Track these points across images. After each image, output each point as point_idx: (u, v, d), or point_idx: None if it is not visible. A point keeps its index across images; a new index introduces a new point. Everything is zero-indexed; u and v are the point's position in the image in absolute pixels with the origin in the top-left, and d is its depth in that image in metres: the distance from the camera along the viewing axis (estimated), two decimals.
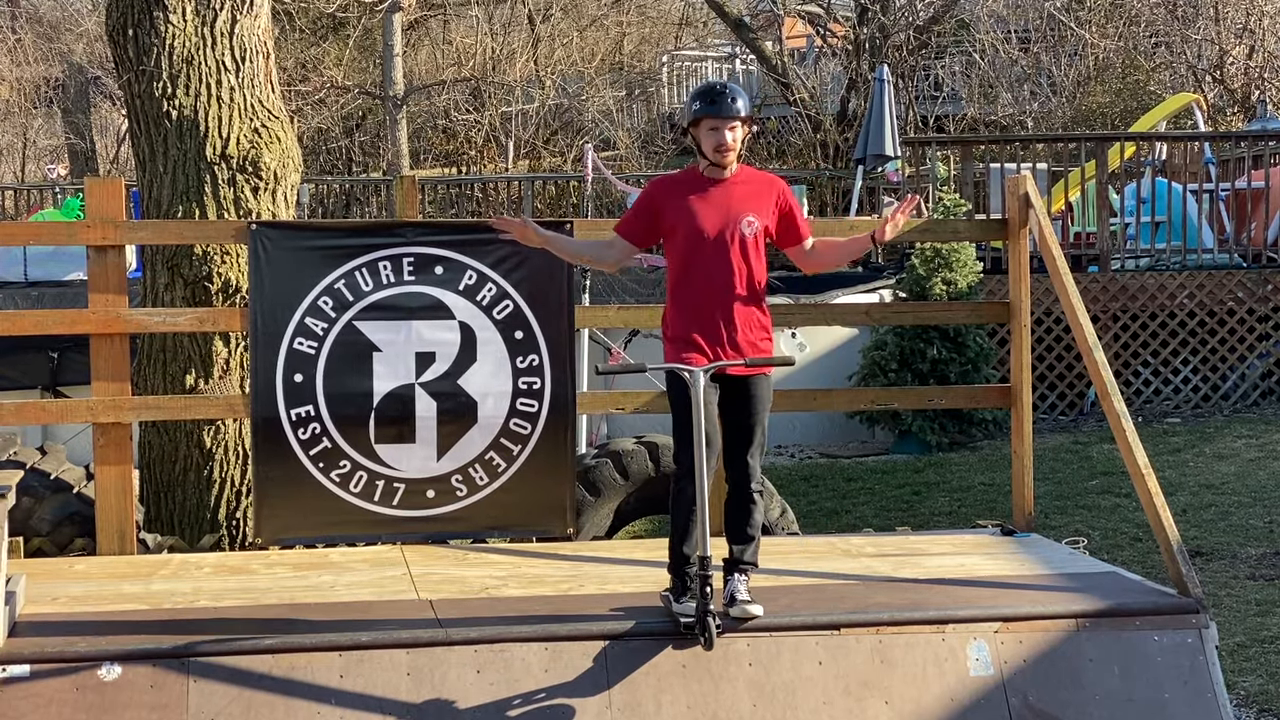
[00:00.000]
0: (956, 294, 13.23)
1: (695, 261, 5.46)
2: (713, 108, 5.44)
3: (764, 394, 5.53)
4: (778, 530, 7.48)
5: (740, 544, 5.52)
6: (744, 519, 5.52)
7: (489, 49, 27.35)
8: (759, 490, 5.54)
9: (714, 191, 5.50)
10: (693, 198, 5.50)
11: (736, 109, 5.44)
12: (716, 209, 5.47)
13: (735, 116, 5.44)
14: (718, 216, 5.46)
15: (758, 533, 5.54)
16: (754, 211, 5.50)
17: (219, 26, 7.55)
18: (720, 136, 5.43)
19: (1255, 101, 21.11)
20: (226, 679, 5.04)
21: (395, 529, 6.61)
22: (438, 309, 6.58)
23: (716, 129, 5.44)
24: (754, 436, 5.51)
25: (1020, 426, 6.97)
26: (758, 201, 5.53)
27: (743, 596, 5.41)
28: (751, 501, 5.51)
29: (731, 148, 5.44)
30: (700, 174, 5.55)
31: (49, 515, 7.07)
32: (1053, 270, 6.68)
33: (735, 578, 5.47)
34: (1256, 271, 14.75)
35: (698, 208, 5.48)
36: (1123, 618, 5.55)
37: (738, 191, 5.52)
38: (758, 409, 5.51)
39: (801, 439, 14.13)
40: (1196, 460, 11.97)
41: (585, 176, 15.07)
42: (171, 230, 7.08)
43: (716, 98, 5.45)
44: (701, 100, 5.48)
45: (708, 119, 5.45)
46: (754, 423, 5.50)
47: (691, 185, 5.54)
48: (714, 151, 5.45)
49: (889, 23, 23.37)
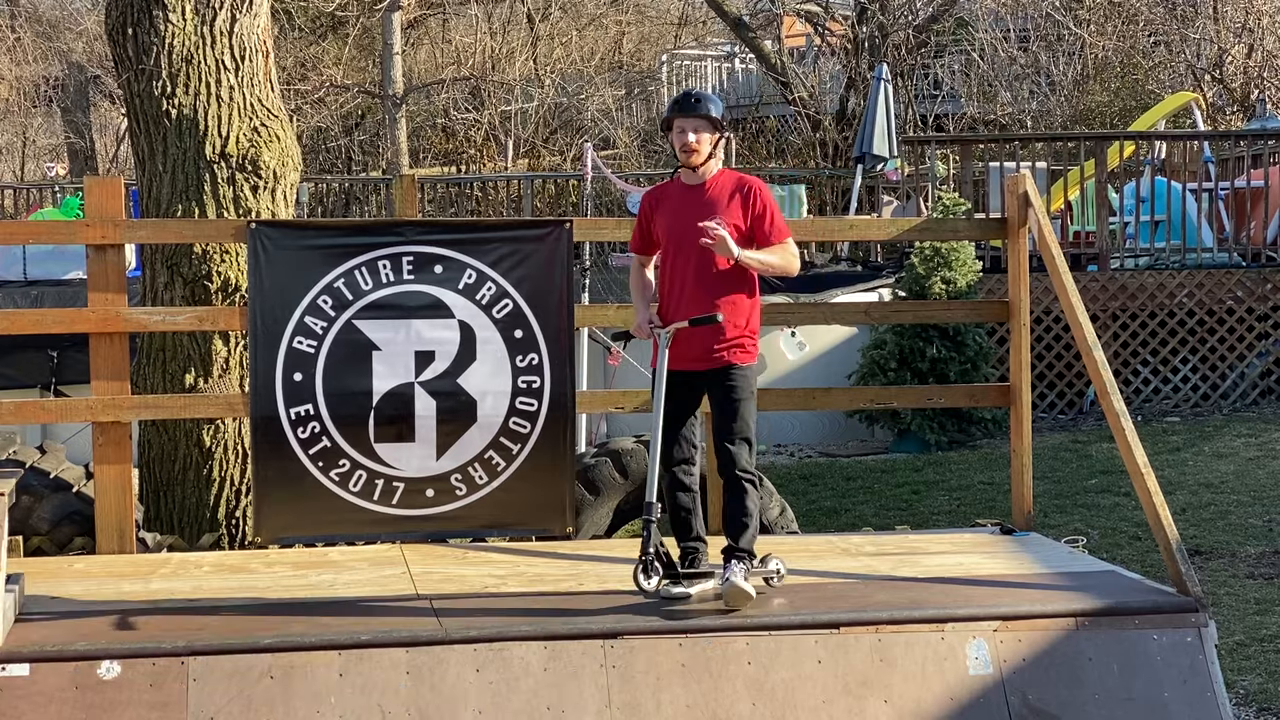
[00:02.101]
0: (956, 293, 13.23)
1: (672, 262, 5.89)
2: (678, 109, 5.87)
3: (736, 384, 5.81)
4: (777, 529, 7.49)
5: (730, 531, 5.75)
6: (730, 505, 5.78)
7: (488, 48, 27.35)
8: (746, 478, 5.75)
9: (688, 196, 5.89)
10: (671, 205, 5.93)
11: (700, 109, 5.83)
12: (688, 213, 5.83)
13: (698, 116, 5.81)
14: (687, 220, 5.81)
15: (750, 520, 5.74)
16: (720, 215, 5.78)
17: (218, 25, 7.55)
18: (684, 137, 5.82)
19: (1254, 100, 21.10)
20: (226, 678, 5.04)
21: (395, 528, 6.61)
22: (437, 308, 6.58)
23: (683, 130, 5.83)
24: (731, 424, 5.78)
25: (1020, 425, 6.97)
26: (727, 204, 5.83)
27: (734, 576, 5.56)
28: (736, 487, 5.76)
29: (695, 148, 5.81)
30: (680, 181, 5.95)
31: (48, 514, 7.08)
32: (1052, 269, 6.68)
33: (730, 564, 5.64)
34: (1256, 270, 14.76)
35: (673, 213, 5.89)
36: (1122, 616, 5.56)
37: (710, 195, 5.87)
38: (731, 398, 5.80)
39: (801, 438, 14.13)
40: (1196, 459, 11.97)
41: (585, 175, 15.06)
42: (171, 229, 7.08)
43: (682, 100, 5.90)
44: (671, 104, 5.94)
45: (677, 119, 5.85)
46: (728, 411, 5.80)
47: (672, 193, 5.97)
48: (680, 151, 5.84)
49: (888, 21, 23.35)
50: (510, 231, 6.79)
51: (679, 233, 5.84)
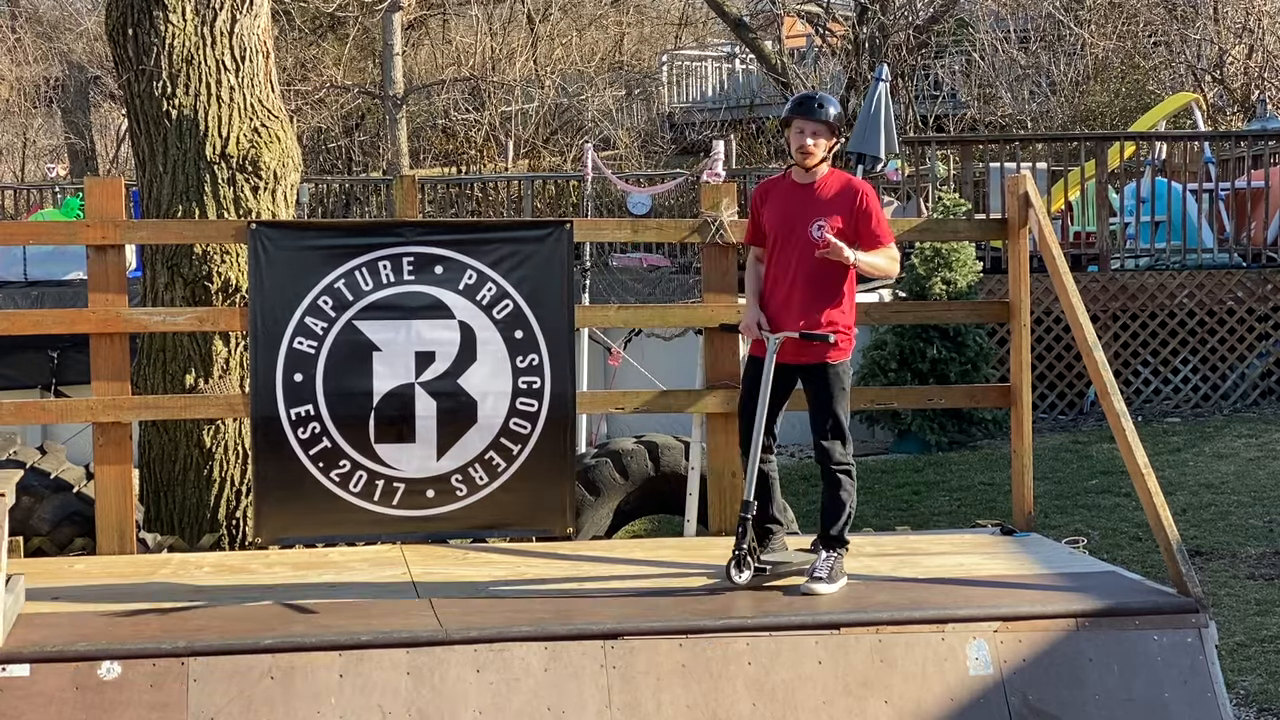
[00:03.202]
0: (956, 293, 13.23)
1: (776, 257, 6.08)
2: (800, 111, 6.04)
3: (832, 381, 6.03)
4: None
5: (826, 520, 6.04)
6: (827, 495, 6.06)
7: (488, 48, 27.37)
8: (842, 469, 6.02)
9: (798, 194, 6.08)
10: (780, 200, 6.12)
11: (820, 115, 6.00)
12: (795, 210, 6.03)
13: (817, 120, 5.99)
14: (793, 218, 6.02)
15: (844, 510, 6.02)
16: (826, 217, 5.97)
17: (219, 26, 7.55)
18: (802, 139, 6.01)
19: (1255, 101, 21.10)
20: (226, 678, 5.04)
21: (395, 529, 6.60)
22: (437, 308, 6.57)
23: (801, 131, 6.01)
24: (828, 420, 6.02)
25: (1020, 426, 6.97)
26: (833, 208, 6.00)
27: (816, 573, 5.87)
28: (833, 479, 6.02)
29: (811, 150, 6.00)
30: (791, 179, 6.13)
31: (49, 515, 7.08)
32: (1052, 270, 6.68)
33: (820, 554, 5.96)
34: (1256, 271, 14.75)
35: (781, 209, 6.08)
36: (1122, 617, 5.56)
37: (818, 195, 6.04)
38: (828, 393, 6.03)
39: (801, 439, 14.09)
40: (1196, 460, 11.97)
41: (585, 176, 15.07)
42: (171, 230, 7.08)
43: (805, 102, 6.06)
44: (793, 104, 6.12)
45: (796, 120, 6.04)
46: (826, 407, 6.03)
47: (782, 189, 6.15)
48: (797, 151, 6.03)
49: (888, 22, 23.37)
50: (511, 232, 6.79)
51: (786, 229, 6.03)
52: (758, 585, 5.86)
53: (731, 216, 6.96)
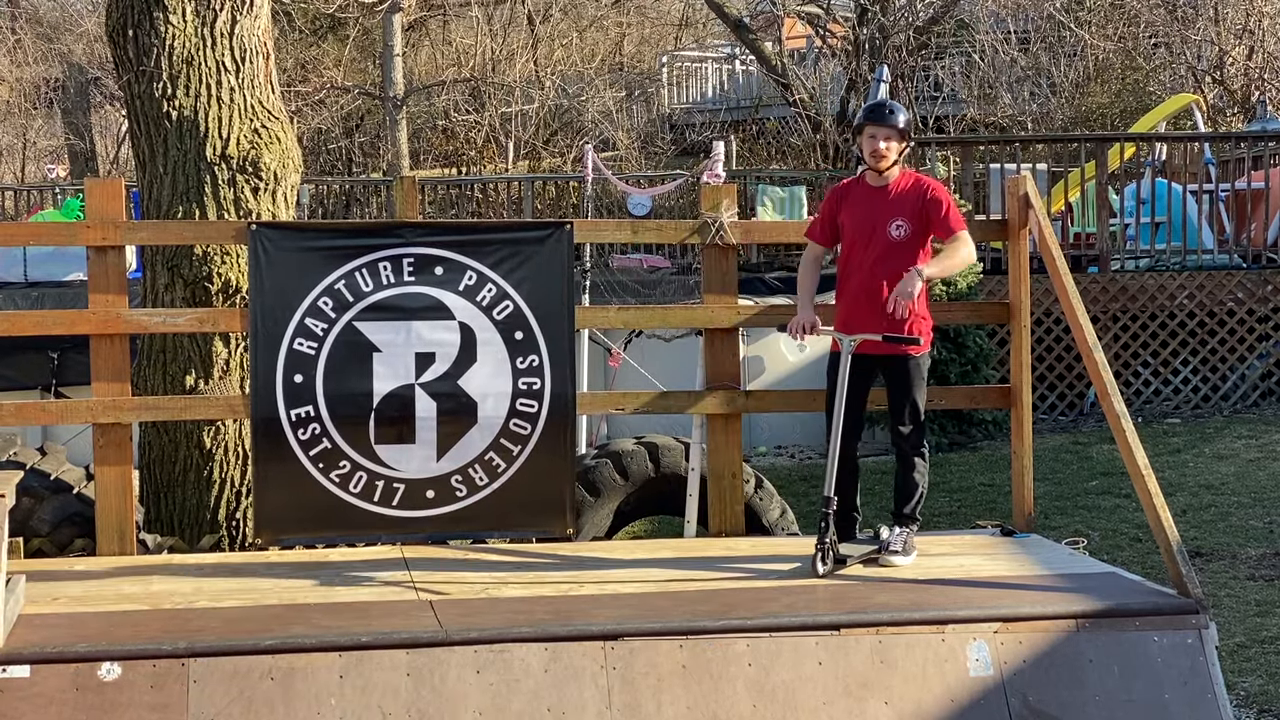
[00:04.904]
0: (956, 294, 13.23)
1: (850, 256, 6.37)
2: (873, 117, 6.33)
3: (912, 373, 6.38)
4: (777, 530, 7.50)
5: (900, 499, 6.41)
6: (902, 476, 6.44)
7: (489, 49, 27.36)
8: (917, 453, 6.41)
9: (873, 197, 6.35)
10: (856, 203, 6.39)
11: (892, 120, 6.28)
12: (871, 213, 6.31)
13: (889, 126, 6.26)
14: (869, 219, 6.30)
15: (915, 489, 6.38)
16: (902, 216, 6.27)
17: (219, 27, 7.55)
18: (875, 144, 6.28)
19: (1255, 102, 21.10)
20: (226, 679, 5.04)
21: (395, 529, 6.61)
22: (438, 309, 6.57)
23: (874, 137, 6.29)
24: (905, 410, 6.41)
25: (1020, 427, 6.97)
26: (906, 206, 6.29)
27: (892, 546, 6.23)
28: (909, 462, 6.41)
29: (884, 155, 6.28)
30: (865, 182, 6.40)
31: (49, 516, 7.08)
32: (1052, 271, 6.68)
33: (892, 530, 6.30)
34: (1256, 272, 14.76)
35: (858, 212, 6.36)
36: (1122, 618, 5.55)
37: (892, 197, 6.31)
38: (907, 383, 6.39)
39: (802, 439, 14.11)
40: (1196, 460, 11.98)
41: (585, 177, 15.06)
42: (171, 231, 7.08)
43: (877, 108, 6.38)
44: (866, 110, 6.44)
45: (869, 126, 6.32)
46: (906, 397, 6.41)
47: (858, 193, 6.42)
48: (870, 155, 6.31)
49: (889, 23, 23.36)
50: (511, 233, 6.79)
51: (865, 230, 6.30)
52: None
53: (731, 217, 6.96)
